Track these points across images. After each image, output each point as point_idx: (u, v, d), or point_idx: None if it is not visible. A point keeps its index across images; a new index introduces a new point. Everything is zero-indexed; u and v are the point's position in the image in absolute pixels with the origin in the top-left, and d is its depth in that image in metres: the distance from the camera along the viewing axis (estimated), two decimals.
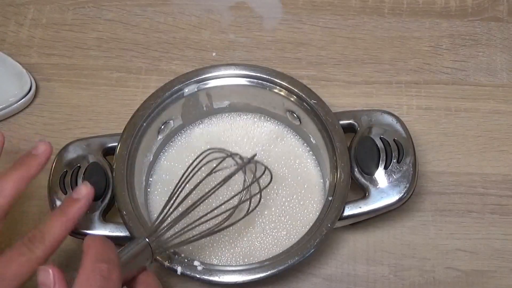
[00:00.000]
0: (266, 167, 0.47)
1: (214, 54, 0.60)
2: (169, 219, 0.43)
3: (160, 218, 0.43)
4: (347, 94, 0.57)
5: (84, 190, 0.42)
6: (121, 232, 0.45)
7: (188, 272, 0.43)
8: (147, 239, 0.41)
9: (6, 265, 0.38)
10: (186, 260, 0.43)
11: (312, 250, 0.43)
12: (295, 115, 0.51)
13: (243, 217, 0.46)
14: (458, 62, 0.59)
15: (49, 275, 0.35)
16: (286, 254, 0.43)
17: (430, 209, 0.52)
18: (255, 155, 0.47)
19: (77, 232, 0.45)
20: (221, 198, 0.50)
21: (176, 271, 0.43)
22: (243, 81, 0.51)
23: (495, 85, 0.58)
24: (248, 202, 0.46)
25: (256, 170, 0.47)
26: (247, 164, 0.46)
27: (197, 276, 0.43)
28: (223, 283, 0.43)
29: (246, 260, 0.48)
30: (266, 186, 0.47)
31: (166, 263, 0.43)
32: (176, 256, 0.43)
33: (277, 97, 0.51)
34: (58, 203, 0.46)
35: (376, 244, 0.51)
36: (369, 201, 0.46)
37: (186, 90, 0.50)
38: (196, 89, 0.51)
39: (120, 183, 0.46)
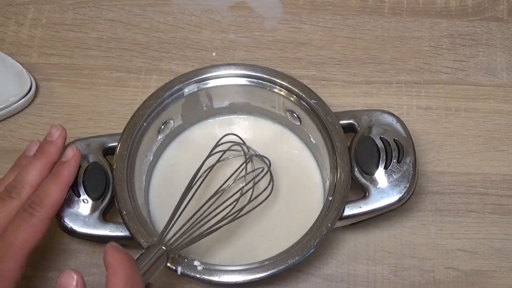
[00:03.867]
0: (271, 178, 0.47)
1: (214, 54, 0.60)
2: (179, 220, 0.43)
3: (173, 221, 0.43)
4: (347, 94, 0.57)
5: (71, 152, 0.44)
6: (121, 232, 0.45)
7: (188, 272, 0.43)
8: (163, 247, 0.41)
9: (13, 234, 0.40)
10: (186, 260, 0.43)
11: (312, 250, 0.43)
12: (295, 115, 0.51)
13: (245, 212, 0.46)
14: (458, 62, 0.59)
15: (73, 280, 0.35)
16: (286, 254, 0.43)
17: (430, 209, 0.52)
18: (268, 160, 0.48)
19: (77, 232, 0.45)
20: (227, 196, 0.49)
21: (176, 271, 0.43)
22: (243, 81, 0.51)
23: (495, 85, 0.58)
24: (250, 196, 0.46)
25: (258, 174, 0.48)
26: (253, 156, 0.47)
27: (197, 276, 0.42)
28: (223, 283, 0.43)
29: (245, 260, 0.48)
30: (267, 189, 0.47)
31: (166, 263, 0.43)
32: (176, 256, 0.43)
33: (277, 97, 0.51)
34: None
35: (376, 244, 0.51)
36: (369, 201, 0.46)
37: (186, 90, 0.50)
38: (196, 89, 0.51)
39: (120, 183, 0.46)
